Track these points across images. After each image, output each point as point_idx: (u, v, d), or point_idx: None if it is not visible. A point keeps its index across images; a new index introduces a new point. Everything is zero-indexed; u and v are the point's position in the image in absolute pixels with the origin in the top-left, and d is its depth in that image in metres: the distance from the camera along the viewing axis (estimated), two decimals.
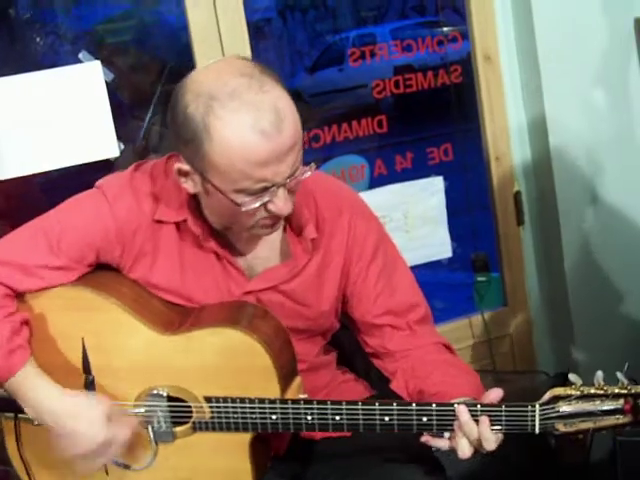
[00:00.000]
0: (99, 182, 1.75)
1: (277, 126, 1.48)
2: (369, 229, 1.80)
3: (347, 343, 1.99)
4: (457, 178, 2.95)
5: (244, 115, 1.47)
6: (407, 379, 1.76)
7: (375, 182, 2.85)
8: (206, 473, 1.73)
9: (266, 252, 1.76)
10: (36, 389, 1.65)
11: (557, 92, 2.75)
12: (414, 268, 2.72)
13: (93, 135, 2.40)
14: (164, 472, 1.74)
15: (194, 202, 1.69)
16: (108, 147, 2.38)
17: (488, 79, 2.84)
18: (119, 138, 2.43)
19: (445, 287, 3.62)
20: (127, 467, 1.75)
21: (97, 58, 2.49)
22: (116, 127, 2.42)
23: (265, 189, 1.54)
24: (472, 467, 2.54)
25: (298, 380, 1.71)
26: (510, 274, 2.99)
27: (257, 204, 1.55)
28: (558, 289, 2.94)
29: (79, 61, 2.50)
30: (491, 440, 1.58)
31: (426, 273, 2.87)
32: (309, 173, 1.60)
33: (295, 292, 1.76)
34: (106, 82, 2.42)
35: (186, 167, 1.58)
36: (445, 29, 2.93)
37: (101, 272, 1.75)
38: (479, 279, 2.98)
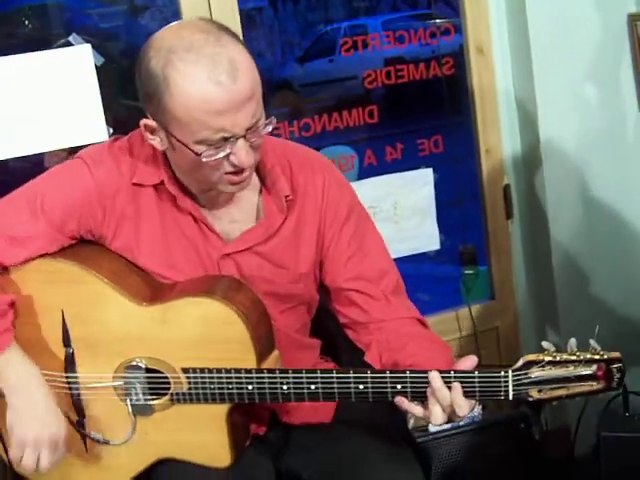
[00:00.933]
0: (78, 153, 1.79)
1: (232, 76, 1.53)
2: (342, 193, 1.84)
3: (334, 336, 1.99)
4: (447, 170, 2.94)
5: (200, 66, 1.53)
6: (381, 351, 1.77)
7: (364, 173, 2.84)
8: (184, 447, 1.74)
9: (243, 216, 1.79)
10: (16, 374, 1.68)
11: (549, 86, 2.75)
12: (402, 259, 2.73)
13: (82, 119, 2.38)
14: (143, 447, 1.75)
15: (170, 167, 1.73)
16: (97, 131, 2.37)
17: (480, 72, 2.84)
18: (108, 122, 2.41)
19: (433, 279, 3.62)
20: (106, 442, 1.76)
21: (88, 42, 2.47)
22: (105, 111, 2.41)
23: (225, 139, 1.57)
24: (457, 461, 2.55)
25: (276, 354, 1.72)
26: (498, 267, 2.99)
27: (218, 155, 1.58)
28: (545, 283, 2.95)
29: (68, 45, 2.48)
30: (464, 406, 1.58)
31: (414, 265, 2.86)
32: (270, 128, 1.63)
33: (272, 253, 1.78)
34: (96, 66, 2.41)
35: (151, 122, 1.62)
36: (438, 21, 2.92)
37: (82, 246, 1.77)
38: (467, 272, 2.98)
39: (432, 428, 2.59)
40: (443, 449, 2.55)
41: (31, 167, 2.59)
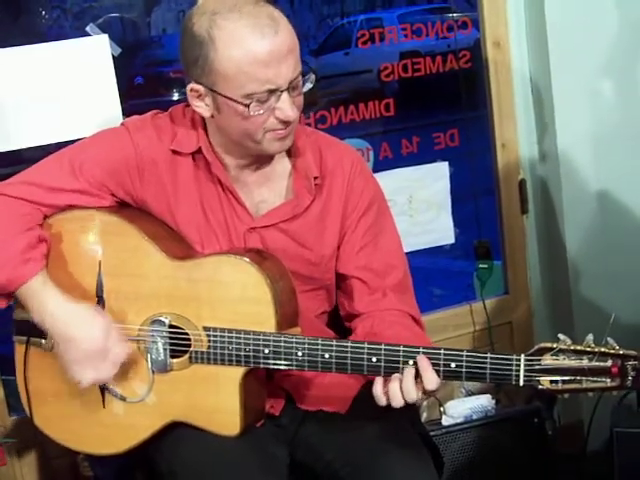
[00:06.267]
0: (123, 120, 1.90)
1: (274, 29, 1.64)
2: (367, 184, 1.90)
3: (347, 331, 1.99)
4: (462, 164, 2.94)
5: (244, 22, 1.64)
6: (366, 334, 1.81)
7: (380, 166, 2.84)
8: (196, 411, 1.76)
9: (272, 197, 1.85)
10: (42, 295, 1.74)
11: (566, 81, 2.74)
12: (416, 253, 2.73)
13: (99, 109, 2.39)
14: (157, 407, 1.78)
15: (208, 139, 1.81)
16: (113, 121, 2.37)
17: (497, 66, 2.83)
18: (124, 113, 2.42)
19: (447, 273, 3.61)
20: (123, 399, 1.80)
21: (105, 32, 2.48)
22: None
23: (270, 92, 1.66)
24: (469, 455, 2.55)
25: (297, 330, 1.74)
26: (512, 262, 2.99)
27: (264, 109, 1.68)
28: (560, 278, 2.94)
29: (85, 35, 2.48)
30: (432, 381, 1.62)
31: (428, 259, 2.86)
32: (310, 84, 1.75)
33: (297, 233, 1.84)
34: (113, 56, 2.42)
35: (198, 86, 1.71)
36: (455, 15, 2.92)
37: (127, 207, 1.84)
38: (481, 266, 2.97)
39: (445, 422, 2.59)
40: (456, 443, 2.55)
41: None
